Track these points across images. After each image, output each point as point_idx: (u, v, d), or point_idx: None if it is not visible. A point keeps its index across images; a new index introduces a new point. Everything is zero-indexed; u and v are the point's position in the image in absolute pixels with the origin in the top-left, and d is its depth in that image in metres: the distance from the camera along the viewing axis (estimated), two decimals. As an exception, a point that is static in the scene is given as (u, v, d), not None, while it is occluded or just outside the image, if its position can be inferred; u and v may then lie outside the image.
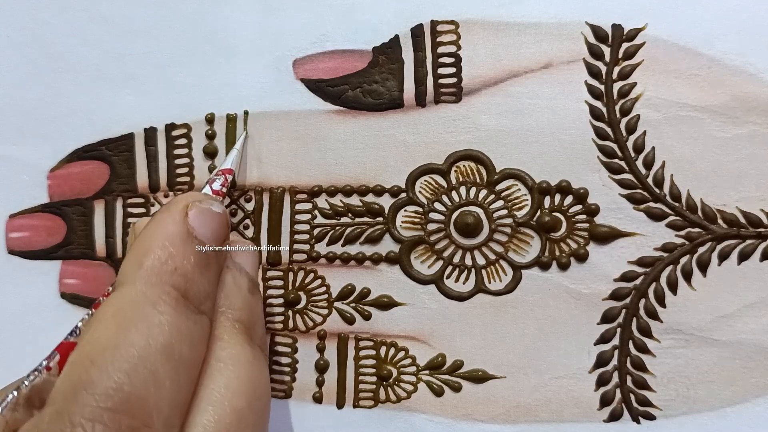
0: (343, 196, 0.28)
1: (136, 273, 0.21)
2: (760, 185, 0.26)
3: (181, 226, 0.22)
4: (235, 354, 0.22)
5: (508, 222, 0.28)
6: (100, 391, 0.18)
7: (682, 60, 0.27)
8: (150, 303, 0.20)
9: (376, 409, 0.28)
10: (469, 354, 0.27)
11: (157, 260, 0.21)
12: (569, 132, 0.27)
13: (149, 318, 0.20)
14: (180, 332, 0.20)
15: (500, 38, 0.28)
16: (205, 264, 0.22)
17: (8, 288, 0.30)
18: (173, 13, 0.30)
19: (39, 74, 0.30)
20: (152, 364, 0.19)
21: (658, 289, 0.27)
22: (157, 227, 0.22)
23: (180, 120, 0.29)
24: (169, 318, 0.20)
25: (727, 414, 0.26)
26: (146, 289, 0.21)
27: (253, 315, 0.24)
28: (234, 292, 0.23)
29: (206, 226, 0.23)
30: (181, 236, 0.22)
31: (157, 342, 0.19)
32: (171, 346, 0.20)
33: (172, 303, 0.20)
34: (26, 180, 0.30)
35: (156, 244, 0.21)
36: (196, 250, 0.22)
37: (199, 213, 0.23)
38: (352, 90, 0.28)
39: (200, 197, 0.24)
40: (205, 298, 0.22)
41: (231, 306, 0.23)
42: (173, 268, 0.21)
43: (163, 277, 0.21)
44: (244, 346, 0.22)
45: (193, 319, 0.21)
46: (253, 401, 0.21)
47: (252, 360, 0.22)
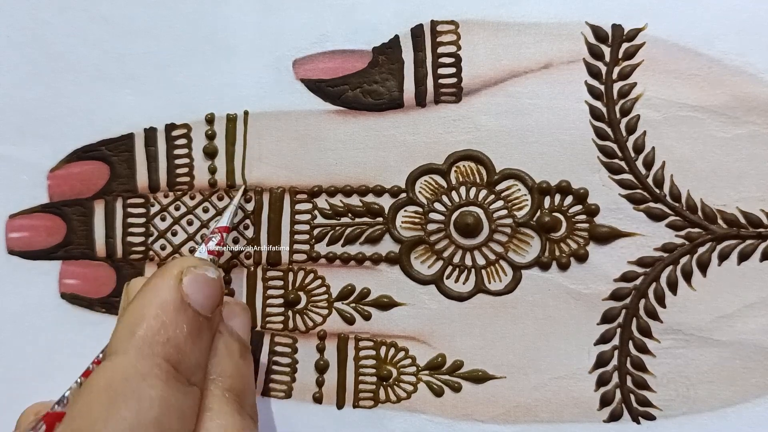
0: (343, 196, 0.28)
1: (129, 342, 0.21)
2: (760, 185, 0.26)
3: (175, 294, 0.22)
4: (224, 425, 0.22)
5: (508, 222, 0.28)
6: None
7: (682, 60, 0.27)
8: (141, 377, 0.20)
9: (376, 409, 0.28)
10: (469, 354, 0.27)
11: (149, 330, 0.21)
12: (569, 132, 0.27)
13: (140, 392, 0.20)
14: (170, 406, 0.20)
15: (500, 38, 0.28)
16: (198, 332, 0.22)
17: (8, 288, 0.30)
18: (173, 13, 0.30)
19: (39, 74, 0.30)
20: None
21: (658, 290, 0.27)
22: (151, 294, 0.22)
23: (180, 120, 0.29)
24: (159, 392, 0.20)
25: (727, 414, 0.26)
26: (137, 362, 0.21)
27: (244, 382, 0.24)
28: (225, 359, 0.23)
29: (200, 292, 0.23)
30: (174, 304, 0.22)
31: (147, 417, 0.20)
32: (161, 420, 0.20)
33: (163, 376, 0.20)
34: (26, 180, 0.30)
35: (149, 313, 0.21)
36: (189, 319, 0.22)
37: (193, 279, 0.23)
38: (352, 90, 0.28)
39: (195, 262, 0.23)
40: (197, 368, 0.22)
41: (222, 373, 0.23)
42: (166, 338, 0.21)
43: (155, 348, 0.21)
44: (234, 417, 0.22)
45: (183, 392, 0.21)
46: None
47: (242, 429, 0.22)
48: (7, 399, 0.29)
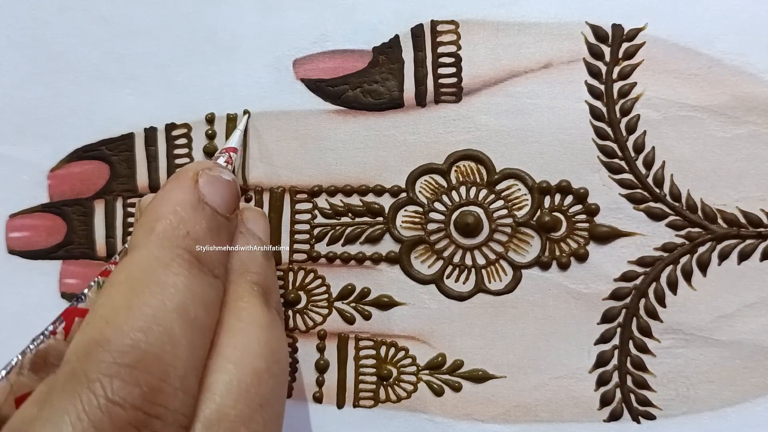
0: (344, 195, 0.28)
1: (148, 237, 0.21)
2: (760, 185, 0.26)
3: (192, 193, 0.22)
4: (254, 316, 0.22)
5: (508, 222, 0.28)
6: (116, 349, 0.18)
7: (682, 60, 0.27)
8: (163, 265, 0.20)
9: (376, 408, 0.28)
10: (469, 354, 0.27)
11: (168, 225, 0.21)
12: (569, 132, 0.27)
13: (163, 279, 0.20)
14: (194, 293, 0.20)
15: (500, 38, 0.28)
16: (217, 229, 0.22)
17: (8, 288, 0.30)
18: (173, 13, 0.30)
19: (39, 74, 0.30)
20: (167, 324, 0.19)
21: (658, 289, 0.27)
22: (168, 194, 0.22)
23: (180, 120, 0.29)
24: (182, 279, 0.20)
25: (727, 414, 0.26)
26: (159, 252, 0.20)
27: (269, 279, 0.24)
28: (248, 257, 0.23)
29: (216, 193, 0.23)
30: (191, 202, 0.22)
31: (171, 302, 0.19)
32: (185, 306, 0.20)
33: (185, 265, 0.20)
34: (26, 180, 0.30)
35: (167, 210, 0.21)
36: (208, 217, 0.22)
37: (209, 180, 0.23)
38: (352, 90, 0.28)
39: (209, 165, 0.24)
40: (218, 262, 0.22)
41: (247, 269, 0.23)
42: (185, 232, 0.21)
43: (176, 240, 0.21)
44: (263, 308, 0.22)
45: (206, 282, 0.21)
46: (271, 365, 0.21)
47: (270, 323, 0.22)
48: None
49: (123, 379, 0.18)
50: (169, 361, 0.19)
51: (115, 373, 0.18)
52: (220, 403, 0.19)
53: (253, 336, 0.21)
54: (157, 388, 0.18)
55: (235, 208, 0.23)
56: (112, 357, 0.18)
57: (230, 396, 0.19)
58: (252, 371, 0.20)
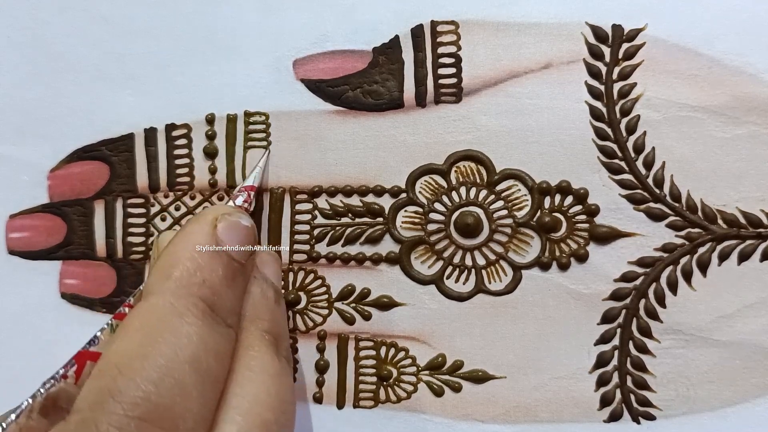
0: (344, 196, 0.28)
1: (164, 284, 0.21)
2: (760, 185, 0.26)
3: (210, 239, 0.22)
4: (264, 365, 0.22)
5: (508, 222, 0.28)
6: (127, 400, 0.18)
7: (682, 60, 0.27)
8: (178, 314, 0.20)
9: (376, 409, 0.28)
10: (469, 354, 0.27)
11: (185, 271, 0.21)
12: (569, 132, 0.27)
13: (177, 329, 0.20)
14: (207, 344, 0.20)
15: (500, 38, 0.28)
16: (233, 277, 0.22)
17: (8, 288, 0.30)
18: (173, 13, 0.29)
19: (39, 74, 0.30)
20: (179, 375, 0.19)
21: (658, 290, 0.27)
22: (186, 239, 0.22)
23: (180, 120, 0.29)
24: (196, 329, 0.20)
25: (727, 414, 0.26)
26: (174, 300, 0.21)
27: (280, 326, 0.24)
28: (261, 303, 0.23)
29: (234, 239, 0.23)
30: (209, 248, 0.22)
31: (184, 353, 0.20)
32: (198, 357, 0.20)
33: (199, 315, 0.21)
34: (26, 180, 0.30)
35: (184, 256, 0.22)
36: (224, 263, 0.22)
37: (228, 226, 0.23)
38: (353, 90, 0.28)
39: (229, 210, 0.24)
40: (232, 311, 0.22)
41: (259, 316, 0.23)
42: (201, 280, 0.21)
43: (192, 288, 0.21)
44: (273, 358, 0.22)
45: (219, 332, 0.21)
46: (279, 415, 0.21)
47: (280, 373, 0.22)
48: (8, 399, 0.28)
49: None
50: (179, 413, 0.19)
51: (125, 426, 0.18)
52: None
53: (263, 386, 0.21)
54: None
55: (251, 253, 0.24)
56: (123, 409, 0.18)
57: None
58: (260, 422, 0.21)
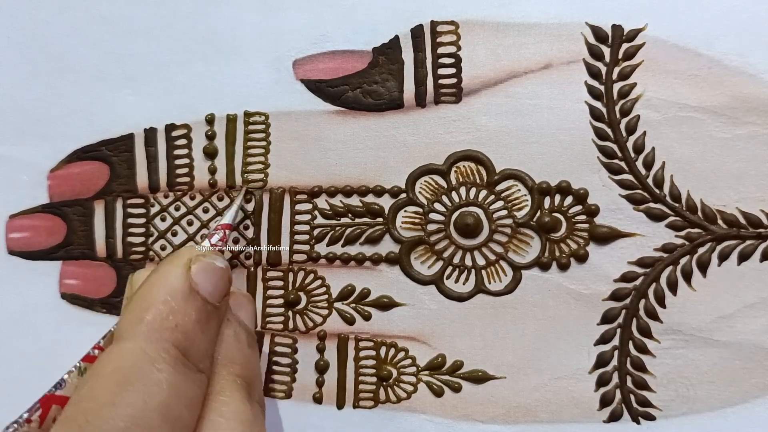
0: (343, 196, 0.28)
1: (137, 328, 0.21)
2: (760, 185, 0.26)
3: (184, 281, 0.22)
4: (236, 411, 0.22)
5: (508, 222, 0.28)
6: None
7: (682, 60, 0.27)
8: (149, 361, 0.20)
9: (376, 409, 0.28)
10: (469, 354, 0.27)
11: (158, 315, 0.21)
12: (569, 132, 0.27)
13: (148, 377, 0.20)
14: (178, 392, 0.20)
15: (500, 39, 0.28)
16: (206, 320, 0.22)
17: (8, 288, 0.30)
18: (173, 13, 0.29)
19: (39, 74, 0.30)
20: (148, 424, 0.19)
21: (658, 290, 0.27)
22: (159, 281, 0.22)
23: (180, 120, 0.29)
24: (167, 377, 0.20)
25: (727, 414, 0.26)
26: (146, 346, 0.20)
27: (253, 370, 0.24)
28: (234, 347, 0.23)
29: (208, 281, 0.22)
30: (183, 292, 0.22)
31: (154, 402, 0.19)
32: (168, 405, 0.20)
33: (171, 362, 0.20)
34: (26, 180, 0.30)
35: (158, 299, 0.21)
36: (198, 307, 0.22)
37: (202, 268, 0.22)
38: (352, 90, 0.28)
39: (203, 252, 0.23)
40: (204, 356, 0.22)
41: (232, 360, 0.23)
42: (174, 324, 0.21)
43: (164, 333, 0.21)
44: (244, 403, 0.22)
45: (191, 378, 0.21)
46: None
47: (251, 419, 0.22)
48: (8, 399, 0.29)
49: None
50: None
51: None
52: None
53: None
54: None
55: (226, 295, 0.23)
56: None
57: None
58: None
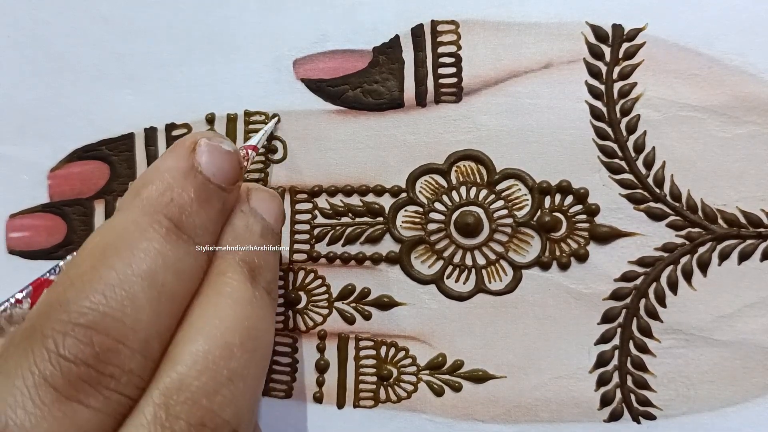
0: (344, 196, 0.28)
1: (132, 202, 0.21)
2: (760, 185, 0.26)
3: (185, 160, 0.22)
4: (235, 291, 0.21)
5: (508, 222, 0.28)
6: (74, 309, 0.18)
7: (682, 60, 0.27)
8: (139, 230, 0.20)
9: (376, 409, 0.28)
10: (469, 354, 0.27)
11: (154, 191, 0.21)
12: (569, 132, 0.27)
13: (135, 244, 0.20)
14: (166, 260, 0.20)
15: (500, 38, 0.28)
16: (206, 198, 0.22)
17: (8, 288, 0.30)
18: (173, 13, 0.29)
19: (39, 74, 0.30)
20: (131, 288, 0.19)
21: (658, 289, 0.27)
22: (162, 160, 0.22)
23: (180, 120, 0.29)
24: (155, 245, 0.20)
25: (727, 414, 0.26)
26: (138, 217, 0.20)
27: (261, 258, 0.23)
28: (243, 236, 0.23)
29: (212, 162, 0.22)
30: (183, 169, 0.21)
31: (139, 267, 0.19)
32: (154, 273, 0.19)
33: (161, 231, 0.20)
34: (26, 180, 0.30)
35: (157, 176, 0.21)
36: (198, 184, 0.21)
37: (206, 148, 0.22)
38: (353, 90, 0.28)
39: (209, 134, 0.23)
40: (203, 231, 0.21)
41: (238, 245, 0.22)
42: (170, 198, 0.21)
43: (158, 206, 0.21)
44: (246, 285, 0.22)
45: (184, 249, 0.20)
46: (246, 340, 0.20)
47: (252, 300, 0.21)
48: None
49: (76, 337, 0.18)
50: (130, 325, 0.19)
51: (69, 331, 0.18)
52: (182, 373, 0.19)
53: (229, 309, 0.21)
54: (112, 348, 0.18)
55: (234, 180, 0.23)
56: (69, 317, 0.18)
57: (195, 367, 0.19)
58: (223, 344, 0.20)
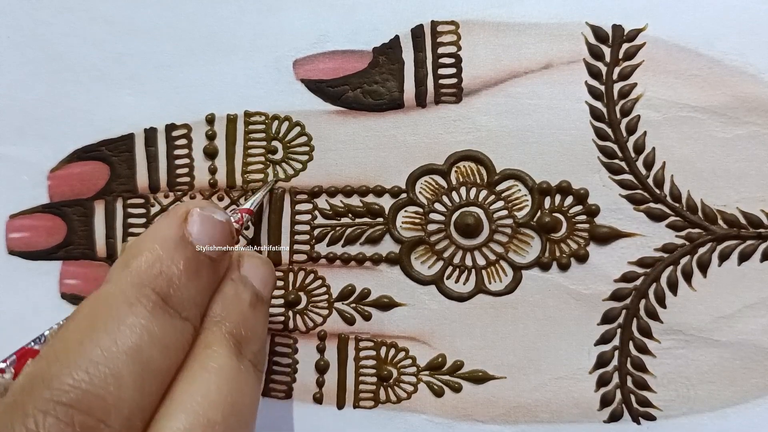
0: (344, 196, 0.28)
1: (121, 273, 0.21)
2: (760, 185, 0.26)
3: (176, 231, 0.21)
4: (221, 365, 0.21)
5: (508, 222, 0.28)
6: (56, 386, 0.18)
7: (682, 60, 0.27)
8: (126, 303, 0.20)
9: (376, 409, 0.28)
10: (469, 354, 0.27)
11: (143, 262, 0.21)
12: (569, 132, 0.27)
13: (121, 318, 0.19)
14: (152, 337, 0.20)
15: (500, 38, 0.28)
16: (195, 270, 0.21)
17: (8, 288, 0.30)
18: (173, 13, 0.29)
19: (39, 74, 0.30)
20: (115, 365, 0.19)
21: (658, 290, 0.27)
22: (153, 230, 0.22)
23: (180, 120, 0.29)
24: (142, 321, 0.20)
25: (727, 414, 0.26)
26: (126, 289, 0.20)
27: (249, 330, 0.23)
28: (232, 305, 0.23)
29: (204, 232, 0.22)
30: (173, 240, 0.21)
31: (124, 343, 0.19)
32: (139, 348, 0.19)
33: (149, 306, 0.20)
34: (26, 180, 0.30)
35: (146, 247, 0.21)
36: (188, 256, 0.21)
37: (198, 219, 0.22)
38: (353, 90, 0.28)
39: (203, 204, 0.23)
40: (191, 305, 0.21)
41: (226, 318, 0.22)
42: (159, 271, 0.21)
43: (147, 279, 0.20)
44: (231, 359, 0.21)
45: (171, 324, 0.20)
46: (229, 417, 0.20)
47: (237, 376, 0.21)
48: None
49: (57, 417, 0.18)
50: (113, 403, 0.18)
51: (50, 410, 0.18)
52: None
53: (213, 385, 0.20)
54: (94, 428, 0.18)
55: (225, 251, 0.23)
56: (51, 394, 0.18)
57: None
58: (205, 422, 0.19)
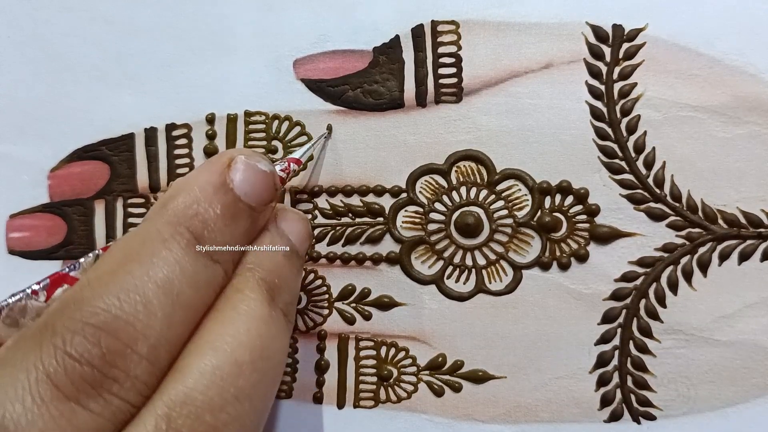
0: (344, 196, 0.28)
1: (158, 212, 0.21)
2: (761, 185, 0.26)
3: (218, 176, 0.22)
4: (251, 308, 0.21)
5: (508, 222, 0.28)
6: (87, 309, 0.18)
7: (682, 60, 0.27)
8: (160, 239, 0.20)
9: (376, 409, 0.28)
10: (469, 354, 0.27)
11: (180, 203, 0.21)
12: (570, 132, 0.27)
13: (155, 252, 0.20)
14: (184, 272, 0.20)
15: (501, 38, 0.28)
16: (232, 216, 0.21)
17: (8, 288, 0.30)
18: (173, 13, 0.29)
19: (39, 74, 0.30)
20: (146, 294, 0.19)
21: (658, 290, 0.27)
22: (195, 174, 0.22)
23: (180, 120, 0.29)
24: (175, 256, 0.20)
25: (727, 414, 0.26)
26: (161, 227, 0.20)
27: (282, 280, 0.23)
28: (266, 255, 0.23)
29: (246, 180, 0.22)
30: (213, 185, 0.21)
31: (156, 274, 0.19)
32: (171, 282, 0.20)
33: (182, 243, 0.20)
34: (26, 180, 0.30)
35: (186, 189, 0.21)
36: (226, 202, 0.21)
37: (242, 166, 0.22)
38: (353, 90, 0.28)
39: (248, 152, 0.23)
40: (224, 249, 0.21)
41: (259, 265, 0.22)
42: (195, 212, 0.21)
43: (183, 219, 0.21)
44: (263, 304, 0.21)
45: (203, 263, 0.21)
46: (257, 359, 0.20)
47: (268, 320, 0.21)
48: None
49: (85, 337, 0.18)
50: (141, 330, 0.19)
51: (79, 330, 0.18)
52: (189, 386, 0.19)
53: (243, 326, 0.20)
54: (120, 352, 0.18)
55: (267, 202, 0.22)
56: (81, 315, 0.18)
57: (202, 381, 0.19)
58: (233, 361, 0.20)
